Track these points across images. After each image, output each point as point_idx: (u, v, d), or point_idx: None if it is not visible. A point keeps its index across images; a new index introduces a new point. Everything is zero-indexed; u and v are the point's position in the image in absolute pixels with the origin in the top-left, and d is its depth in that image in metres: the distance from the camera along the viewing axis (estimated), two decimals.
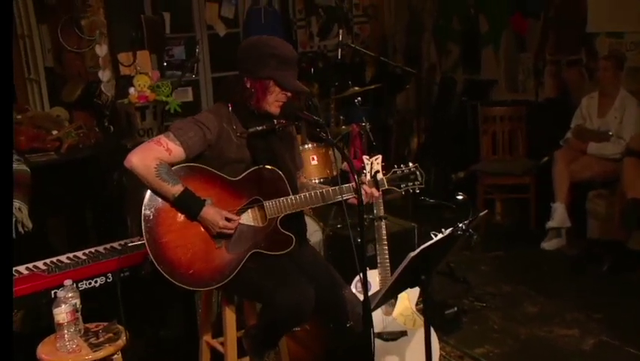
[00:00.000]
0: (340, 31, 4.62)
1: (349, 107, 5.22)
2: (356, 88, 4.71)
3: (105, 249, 3.13)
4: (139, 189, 2.58)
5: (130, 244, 2.88)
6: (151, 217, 2.42)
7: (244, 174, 2.53)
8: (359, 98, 4.60)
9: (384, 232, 3.21)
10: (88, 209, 4.13)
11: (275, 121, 2.57)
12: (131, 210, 4.11)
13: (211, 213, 2.42)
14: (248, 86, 2.52)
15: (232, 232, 2.46)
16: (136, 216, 3.67)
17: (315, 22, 7.19)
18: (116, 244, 3.16)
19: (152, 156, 2.41)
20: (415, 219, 4.18)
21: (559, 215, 4.72)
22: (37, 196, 3.62)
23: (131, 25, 3.79)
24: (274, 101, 2.53)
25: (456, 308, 3.85)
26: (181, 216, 2.44)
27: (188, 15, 6.24)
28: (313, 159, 4.47)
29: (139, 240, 2.92)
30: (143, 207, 2.41)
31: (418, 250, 2.24)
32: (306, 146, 4.43)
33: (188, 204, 2.42)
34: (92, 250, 3.13)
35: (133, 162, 2.41)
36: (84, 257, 3.05)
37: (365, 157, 2.90)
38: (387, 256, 3.13)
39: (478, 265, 4.61)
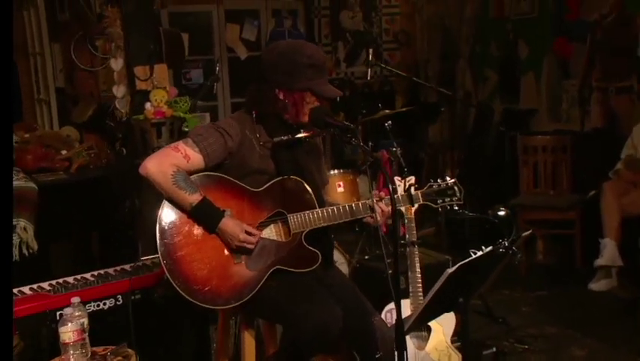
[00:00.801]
0: (370, 50, 4.67)
1: (378, 134, 5.25)
2: (386, 111, 4.74)
3: (115, 271, 3.15)
4: (152, 211, 2.61)
5: (143, 258, 2.89)
6: (166, 229, 2.43)
7: (267, 185, 2.54)
8: (389, 122, 4.62)
9: (416, 258, 3.20)
10: (96, 232, 4.17)
11: (301, 130, 2.59)
12: (143, 235, 4.13)
13: (230, 225, 2.43)
14: (281, 97, 2.55)
15: (253, 246, 2.47)
16: (147, 241, 3.71)
17: (342, 47, 7.32)
18: (127, 266, 3.18)
19: (168, 163, 2.44)
20: (450, 252, 4.15)
21: (609, 252, 4.64)
22: (43, 217, 3.68)
23: (148, 38, 3.89)
24: (308, 110, 2.57)
25: (494, 349, 3.78)
26: (198, 229, 2.45)
27: (207, 36, 6.39)
28: (340, 185, 4.50)
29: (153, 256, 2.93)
30: (158, 218, 2.43)
31: (456, 267, 2.22)
32: (333, 172, 4.46)
33: (206, 215, 2.44)
34: (102, 271, 3.15)
35: (148, 169, 2.44)
36: (92, 278, 3.07)
37: (397, 178, 2.91)
38: (419, 285, 3.11)
39: (519, 305, 4.54)
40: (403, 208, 3.04)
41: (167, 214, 2.45)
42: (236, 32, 6.55)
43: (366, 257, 4.24)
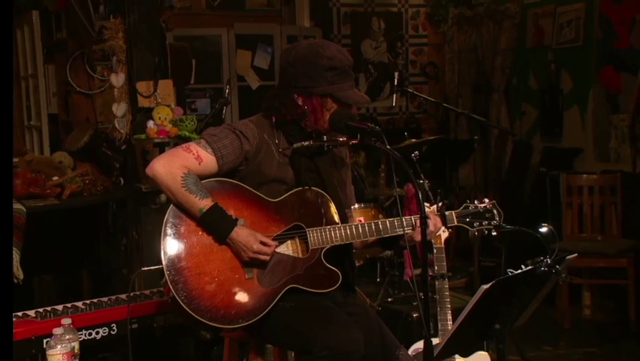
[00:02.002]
0: (395, 74, 4.78)
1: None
2: (412, 140, 4.83)
3: (110, 299, 3.19)
4: (153, 246, 2.66)
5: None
6: (172, 237, 2.48)
7: (285, 195, 2.60)
8: (416, 153, 4.70)
9: (447, 293, 3.21)
10: (87, 269, 4.22)
11: (325, 137, 2.66)
12: (141, 274, 4.16)
13: (243, 234, 2.48)
14: (300, 103, 2.63)
15: (268, 258, 2.51)
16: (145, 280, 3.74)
17: (364, 80, 7.45)
18: (123, 296, 3.21)
19: (178, 164, 2.50)
20: None
21: None
22: (30, 245, 3.73)
23: (153, 52, 4.01)
24: (329, 119, 2.63)
25: None
26: (208, 238, 2.50)
27: (216, 63, 6.54)
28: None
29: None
30: (164, 224, 2.48)
31: (492, 283, 2.24)
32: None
33: (217, 223, 2.48)
34: (94, 300, 3.20)
35: (156, 170, 2.50)
36: (83, 306, 3.11)
37: (426, 204, 2.95)
38: (450, 322, 3.12)
39: None
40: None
41: (174, 220, 2.50)
42: (248, 59, 6.69)
43: (389, 300, 4.27)
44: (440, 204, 2.87)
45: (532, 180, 6.47)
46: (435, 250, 3.23)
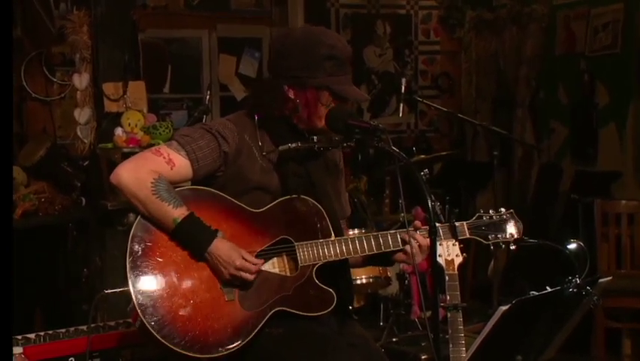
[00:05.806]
0: (403, 80, 4.84)
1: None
2: (422, 156, 4.89)
3: (67, 330, 3.21)
4: (119, 274, 2.69)
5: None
6: (139, 253, 2.50)
7: (270, 205, 2.63)
8: (426, 171, 4.76)
9: (460, 326, 3.23)
10: (39, 299, 4.22)
11: (315, 138, 2.70)
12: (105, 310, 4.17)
13: (225, 248, 2.50)
14: (291, 96, 2.68)
15: (252, 277, 2.52)
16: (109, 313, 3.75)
17: (366, 92, 7.47)
18: (83, 327, 3.22)
19: (147, 169, 2.54)
20: None
21: None
22: None
23: (123, 49, 4.06)
24: (324, 114, 2.68)
25: None
26: (181, 254, 2.52)
27: (194, 70, 6.59)
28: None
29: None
30: (130, 240, 2.50)
31: (511, 304, 2.27)
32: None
33: (194, 234, 2.50)
34: (49, 331, 3.21)
35: (121, 176, 2.53)
36: (35, 338, 3.13)
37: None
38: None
39: None
40: (442, 262, 3.10)
41: (142, 235, 2.52)
42: (232, 66, 6.73)
43: (394, 340, 4.30)
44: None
45: (562, 209, 6.49)
46: (447, 278, 3.25)
